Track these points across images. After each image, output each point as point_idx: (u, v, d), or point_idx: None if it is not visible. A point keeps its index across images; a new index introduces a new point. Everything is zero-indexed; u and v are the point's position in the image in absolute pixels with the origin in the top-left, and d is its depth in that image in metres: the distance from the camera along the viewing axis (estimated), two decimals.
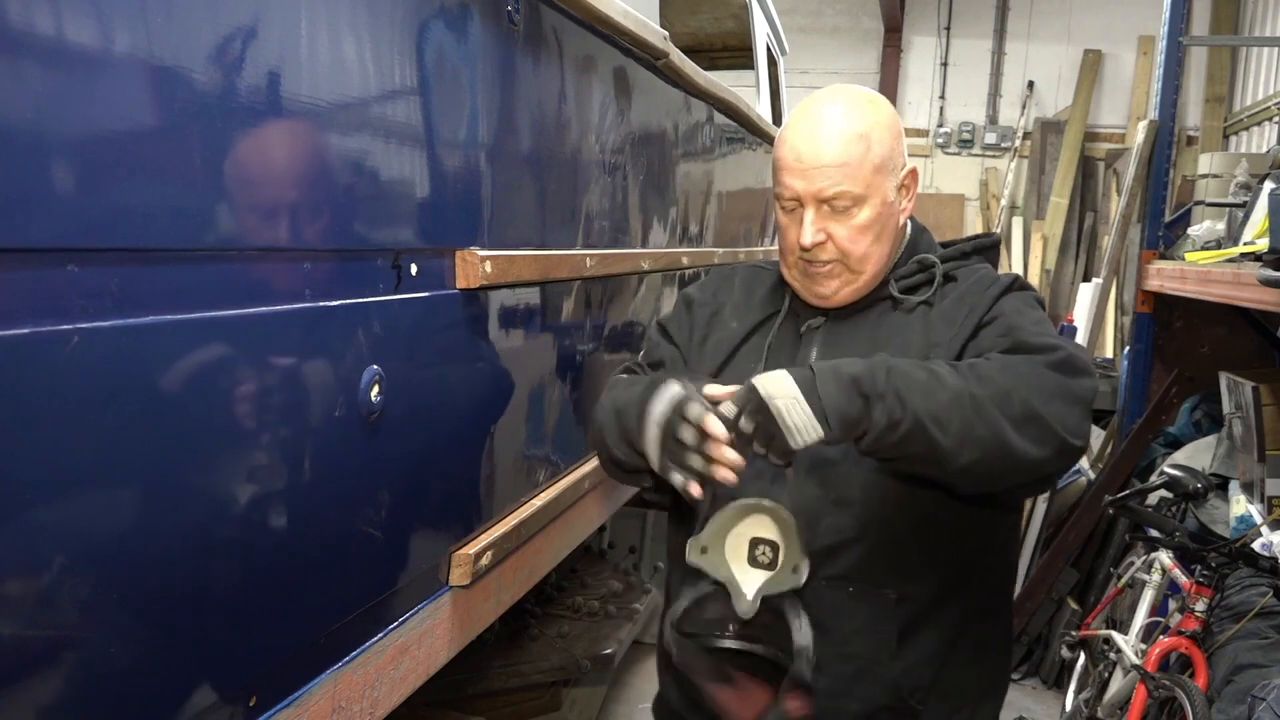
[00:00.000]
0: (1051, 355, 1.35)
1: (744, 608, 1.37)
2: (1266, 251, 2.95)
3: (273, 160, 1.12)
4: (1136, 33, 9.31)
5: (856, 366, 1.31)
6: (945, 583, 1.49)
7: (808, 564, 1.37)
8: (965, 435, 1.28)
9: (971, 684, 1.55)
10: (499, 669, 2.86)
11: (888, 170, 1.46)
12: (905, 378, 1.29)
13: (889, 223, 1.49)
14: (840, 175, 1.43)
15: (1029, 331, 1.40)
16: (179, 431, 0.99)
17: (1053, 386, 1.32)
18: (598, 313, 2.23)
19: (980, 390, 1.29)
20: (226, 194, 1.05)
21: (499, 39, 1.61)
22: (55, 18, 0.84)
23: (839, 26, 10.33)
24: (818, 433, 1.29)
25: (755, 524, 1.41)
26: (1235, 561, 2.83)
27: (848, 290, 1.51)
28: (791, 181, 1.46)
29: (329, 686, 1.28)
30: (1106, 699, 3.16)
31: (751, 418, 1.31)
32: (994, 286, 1.50)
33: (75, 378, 0.87)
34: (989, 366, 1.33)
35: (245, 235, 1.08)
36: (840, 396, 1.28)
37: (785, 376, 1.31)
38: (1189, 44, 5.60)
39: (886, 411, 1.27)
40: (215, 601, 1.07)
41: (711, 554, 1.41)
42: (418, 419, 1.43)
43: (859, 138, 1.44)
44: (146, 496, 0.96)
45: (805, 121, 1.47)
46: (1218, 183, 4.35)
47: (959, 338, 1.46)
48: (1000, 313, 1.46)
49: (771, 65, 4.67)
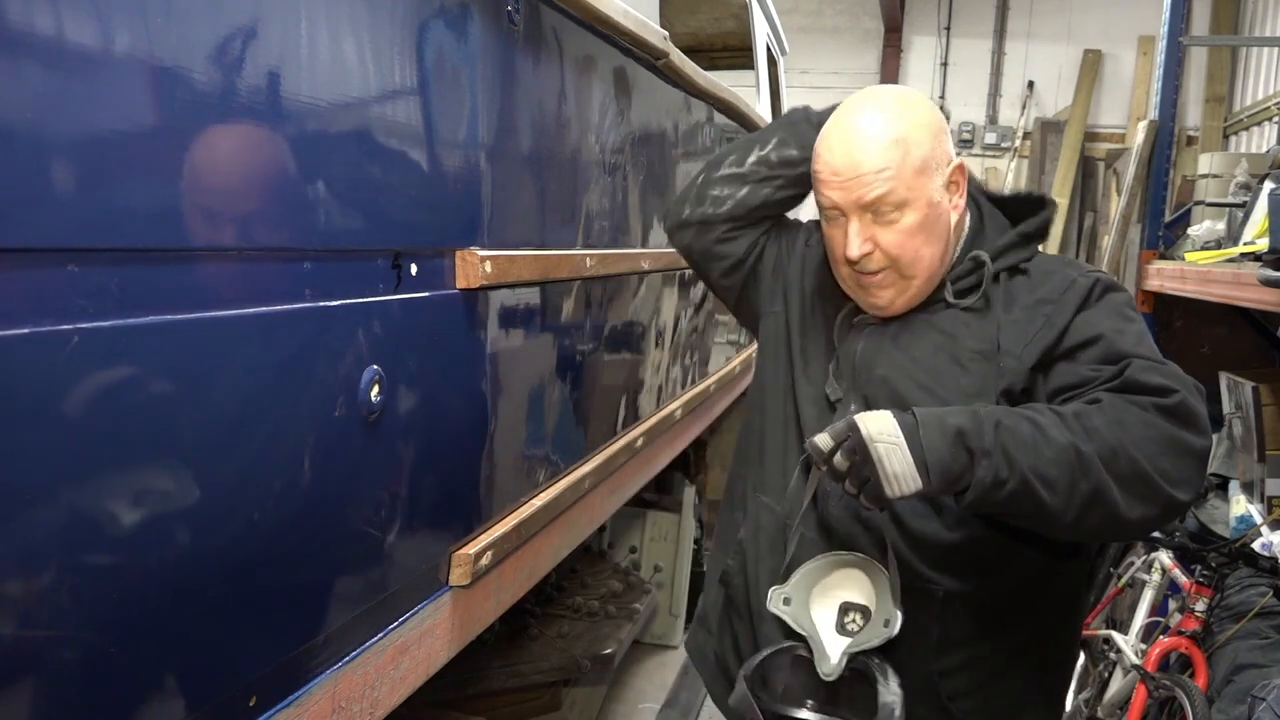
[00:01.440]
0: (1164, 400, 1.26)
1: (828, 669, 1.30)
2: (1266, 251, 2.96)
3: (273, 160, 1.12)
4: (1136, 33, 9.31)
5: (962, 417, 1.24)
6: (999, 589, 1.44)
7: (900, 616, 1.29)
8: (1071, 495, 1.22)
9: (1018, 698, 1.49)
10: (499, 669, 2.85)
11: (930, 170, 1.40)
12: (1012, 433, 1.22)
13: (938, 223, 1.42)
14: (878, 182, 1.38)
15: (1139, 365, 1.30)
16: (179, 431, 0.99)
17: (1162, 440, 1.24)
18: (598, 313, 2.23)
19: (1087, 447, 1.22)
20: (226, 194, 1.05)
21: (499, 39, 1.61)
22: (55, 18, 0.83)
23: (839, 26, 10.33)
24: (916, 484, 1.23)
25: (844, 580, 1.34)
26: (1235, 561, 2.83)
27: (903, 300, 1.45)
28: (830, 194, 1.42)
29: (329, 686, 1.28)
30: (1106, 699, 3.16)
31: (848, 456, 1.25)
32: (1073, 291, 1.40)
33: (75, 378, 0.87)
34: (1096, 418, 1.25)
35: (245, 235, 1.08)
36: (944, 449, 1.22)
37: (889, 418, 1.25)
38: (1189, 44, 5.60)
39: (993, 469, 1.21)
40: (215, 601, 1.07)
41: (795, 606, 1.33)
42: (418, 419, 1.43)
43: (895, 143, 1.38)
44: (146, 496, 0.96)
45: (839, 133, 1.43)
46: (1218, 183, 4.35)
47: (1034, 347, 1.37)
48: (1097, 330, 1.35)
49: (771, 65, 4.67)
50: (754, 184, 1.62)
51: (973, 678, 1.44)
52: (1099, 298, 1.40)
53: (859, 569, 1.33)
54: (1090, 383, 1.31)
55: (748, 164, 1.63)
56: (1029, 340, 1.38)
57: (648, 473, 2.93)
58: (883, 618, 1.31)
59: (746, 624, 1.57)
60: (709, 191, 1.65)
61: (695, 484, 4.24)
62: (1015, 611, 1.46)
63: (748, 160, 1.63)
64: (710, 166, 1.68)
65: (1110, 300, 1.41)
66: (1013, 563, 1.42)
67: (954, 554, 1.40)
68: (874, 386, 1.45)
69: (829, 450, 1.27)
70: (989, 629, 1.44)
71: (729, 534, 1.66)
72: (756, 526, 1.57)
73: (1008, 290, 1.44)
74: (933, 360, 1.43)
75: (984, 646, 1.44)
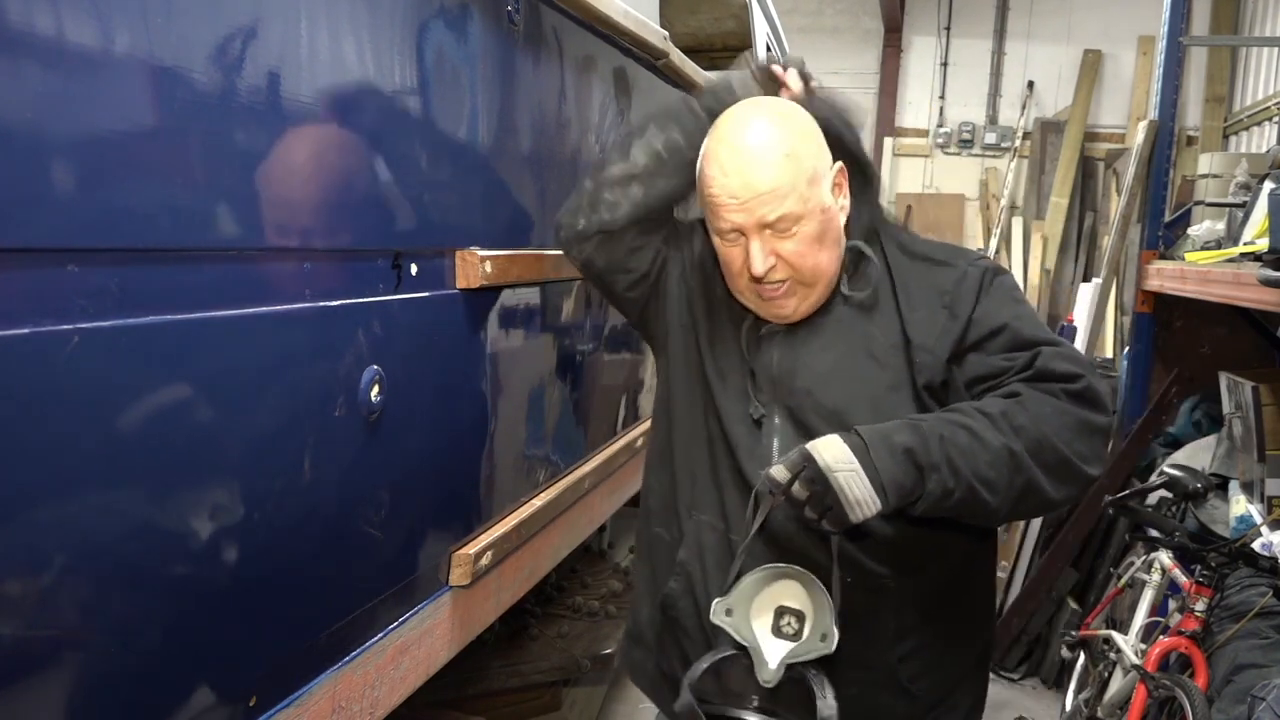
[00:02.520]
0: (1072, 385, 1.36)
1: (767, 676, 1.35)
2: (1266, 251, 2.95)
3: (273, 160, 1.12)
4: (1136, 33, 9.31)
5: (906, 434, 1.31)
6: (941, 575, 1.50)
7: (837, 633, 1.33)
8: (1008, 492, 1.32)
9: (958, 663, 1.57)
10: (499, 669, 2.85)
11: (820, 178, 1.41)
12: (954, 444, 1.30)
13: (831, 228, 1.44)
14: (777, 200, 1.37)
15: (1047, 354, 1.39)
16: (179, 431, 0.99)
17: (1075, 425, 1.35)
18: (597, 313, 2.23)
19: (1017, 444, 1.31)
20: (227, 194, 1.05)
21: (499, 39, 1.61)
22: (55, 18, 0.84)
23: (839, 26, 10.32)
24: (876, 506, 1.29)
25: (783, 590, 1.38)
26: (1235, 561, 2.83)
27: (805, 306, 1.46)
28: (731, 217, 1.40)
29: (329, 686, 1.28)
30: (1106, 699, 3.15)
31: (807, 485, 1.29)
32: (967, 281, 1.45)
33: (75, 378, 0.87)
34: (1020, 415, 1.33)
35: (245, 235, 1.08)
36: (896, 469, 1.29)
37: (840, 444, 1.30)
38: (1189, 44, 5.60)
39: (941, 482, 1.29)
40: (215, 602, 1.07)
41: (736, 617, 1.37)
42: (418, 419, 1.43)
43: (786, 158, 1.38)
44: (146, 496, 0.96)
45: (729, 153, 1.41)
46: (1218, 183, 4.35)
47: (945, 340, 1.42)
48: (1000, 320, 1.42)
49: None
50: (646, 180, 1.54)
51: (926, 659, 1.51)
52: (990, 285, 1.46)
53: (797, 580, 1.37)
54: (1005, 372, 1.40)
55: (633, 158, 1.54)
56: (938, 333, 1.43)
57: None
58: (819, 632, 1.35)
59: (698, 644, 1.55)
60: (601, 197, 1.55)
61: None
62: (954, 592, 1.54)
63: (632, 154, 1.54)
64: (595, 170, 1.59)
65: (1001, 286, 1.47)
66: (948, 550, 1.50)
67: (900, 551, 1.45)
68: (797, 398, 1.46)
69: (786, 482, 1.31)
70: (936, 612, 1.51)
71: (657, 551, 1.63)
72: (700, 547, 1.55)
73: (900, 278, 1.48)
74: (849, 361, 1.46)
75: (933, 628, 1.51)
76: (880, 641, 1.47)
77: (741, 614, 1.38)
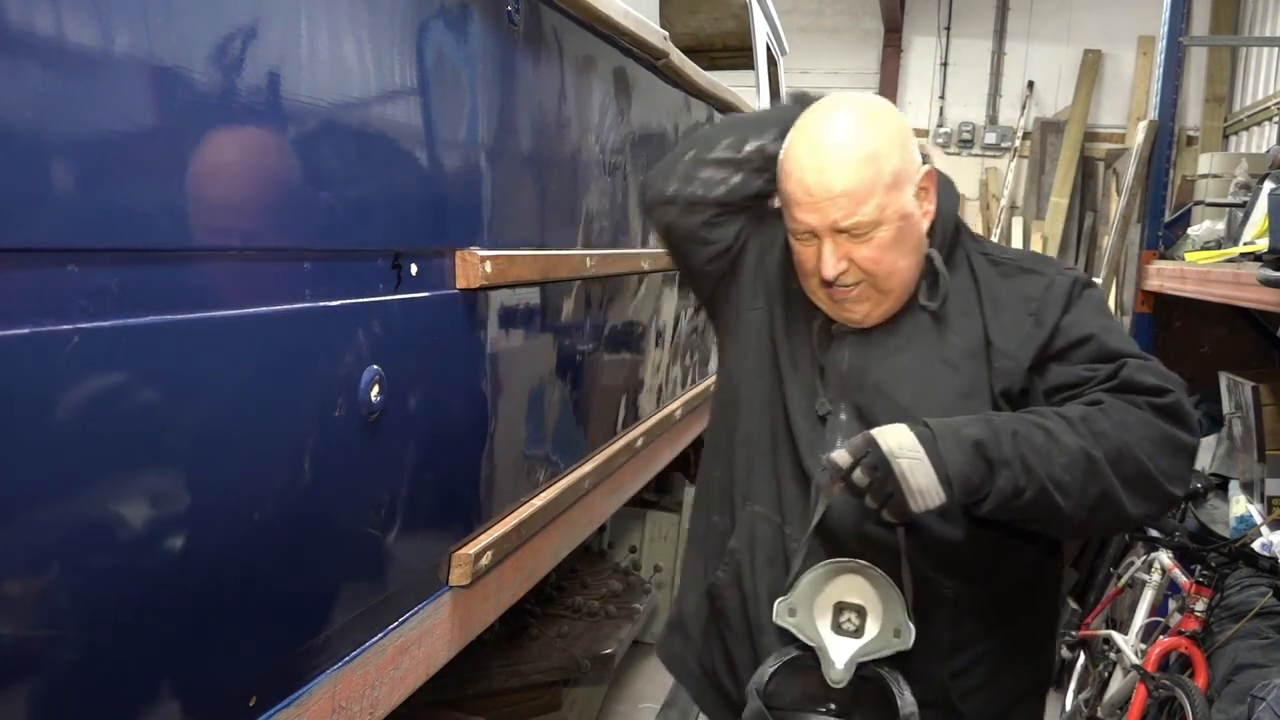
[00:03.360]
0: (1160, 399, 1.30)
1: (836, 676, 1.31)
2: (1266, 251, 2.96)
3: (273, 160, 1.12)
4: (1136, 33, 9.31)
5: (977, 428, 1.26)
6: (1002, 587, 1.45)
7: (912, 628, 1.29)
8: (1083, 500, 1.26)
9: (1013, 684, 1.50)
10: (499, 669, 2.85)
11: (902, 183, 1.37)
12: (1028, 442, 1.25)
13: (911, 234, 1.39)
14: (853, 203, 1.33)
15: (1134, 365, 1.33)
16: (179, 432, 0.99)
17: (1160, 439, 1.29)
18: (598, 313, 2.23)
19: (1096, 450, 1.26)
20: (227, 194, 1.05)
21: (499, 39, 1.61)
22: (55, 18, 0.84)
23: (839, 26, 10.33)
24: (940, 498, 1.25)
25: (844, 586, 1.34)
26: (1235, 561, 2.83)
27: (878, 312, 1.42)
28: (803, 216, 1.37)
29: (329, 686, 1.28)
30: (1106, 699, 3.15)
31: (868, 472, 1.26)
32: (1055, 290, 1.40)
33: (75, 378, 0.87)
34: (1102, 421, 1.28)
35: (245, 235, 1.08)
36: (963, 461, 1.24)
37: (906, 432, 1.26)
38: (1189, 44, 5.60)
39: (1013, 479, 1.24)
40: (215, 601, 1.07)
41: (800, 616, 1.33)
42: (418, 419, 1.43)
43: (867, 160, 1.34)
44: (146, 497, 0.96)
45: (809, 150, 1.37)
46: (1218, 183, 4.35)
47: (1029, 347, 1.38)
48: (1087, 330, 1.37)
49: (771, 65, 4.68)
50: (749, 173, 1.54)
51: (980, 676, 1.45)
52: (1079, 296, 1.42)
53: (859, 575, 1.33)
54: (1087, 383, 1.34)
55: (745, 151, 1.54)
56: (1022, 340, 1.38)
57: (648, 473, 2.93)
58: (891, 628, 1.31)
59: (741, 638, 1.53)
60: (699, 173, 1.55)
61: (695, 484, 4.23)
62: (1015, 607, 1.47)
63: (745, 148, 1.54)
64: (702, 145, 1.58)
65: (1089, 298, 1.43)
66: (1013, 560, 1.44)
67: (961, 556, 1.40)
68: (866, 395, 1.43)
69: (848, 466, 1.27)
70: (994, 627, 1.45)
71: (711, 540, 1.61)
72: (751, 538, 1.52)
73: (986, 285, 1.43)
74: (922, 364, 1.42)
75: (988, 644, 1.45)
76: (933, 654, 1.41)
77: (805, 613, 1.34)
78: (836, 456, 1.29)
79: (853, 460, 1.27)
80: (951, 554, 1.39)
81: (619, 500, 2.61)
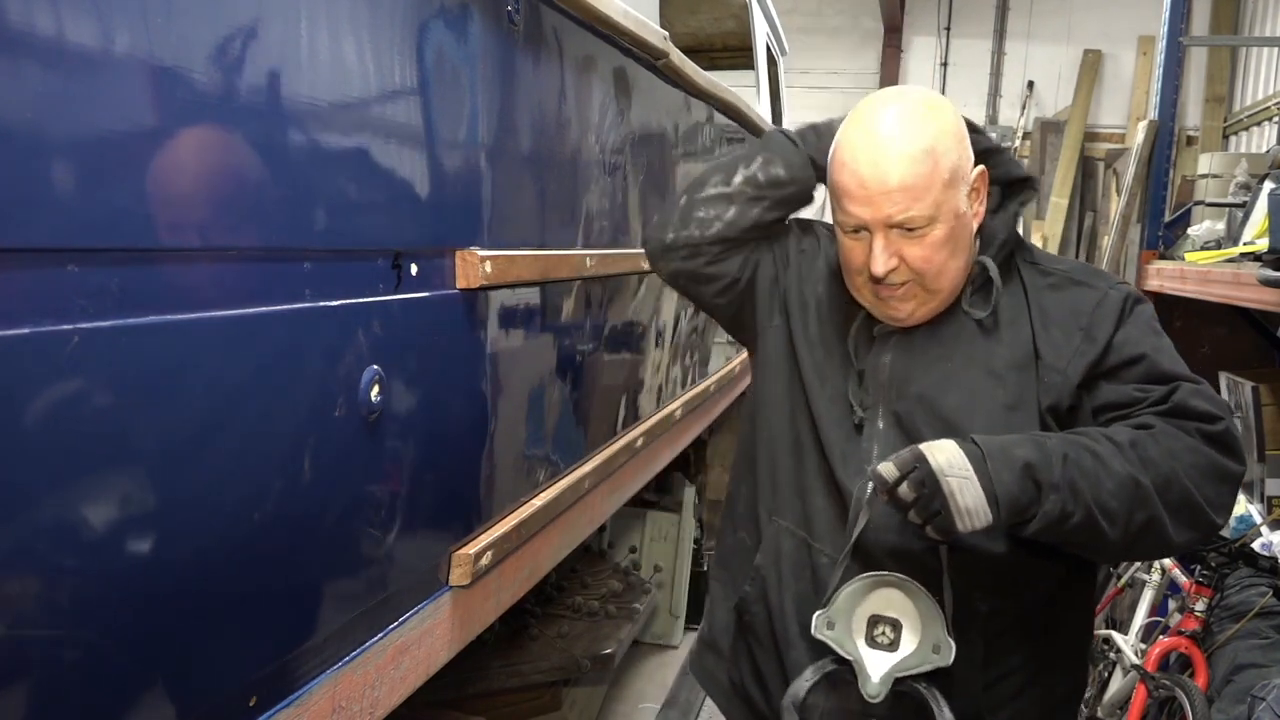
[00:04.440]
0: (1211, 427, 1.29)
1: (872, 690, 1.30)
2: (1266, 251, 2.96)
3: (273, 160, 1.12)
4: (1136, 33, 9.31)
5: (1027, 449, 1.24)
6: (1036, 602, 1.43)
7: (953, 645, 1.28)
8: (1128, 526, 1.25)
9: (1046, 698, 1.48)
10: (499, 669, 2.85)
11: (958, 181, 1.33)
12: (1077, 466, 1.24)
13: (963, 234, 1.36)
14: (908, 199, 1.30)
15: (1186, 390, 1.31)
16: (179, 431, 0.99)
17: (1208, 468, 1.27)
18: (598, 313, 2.23)
19: (1144, 477, 1.24)
20: (227, 194, 1.05)
21: (499, 39, 1.61)
22: (55, 18, 0.84)
23: (839, 26, 10.33)
24: (987, 518, 1.23)
25: (881, 600, 1.33)
26: (1235, 561, 2.83)
27: (924, 311, 1.40)
28: (856, 210, 1.34)
29: (329, 686, 1.28)
30: (1106, 699, 3.16)
31: (915, 488, 1.24)
32: (1108, 305, 1.38)
33: (75, 378, 0.87)
34: (1151, 448, 1.27)
35: (245, 235, 1.08)
36: (1013, 482, 1.22)
37: (956, 449, 1.24)
38: (1189, 44, 5.60)
39: (1060, 503, 1.23)
40: (215, 602, 1.07)
41: (839, 630, 1.32)
42: (418, 419, 1.43)
43: (925, 154, 1.30)
44: (146, 496, 0.96)
45: (864, 141, 1.34)
46: (1218, 183, 4.36)
47: (1079, 362, 1.35)
48: (1140, 349, 1.35)
49: (771, 65, 4.68)
50: (742, 204, 1.54)
51: (1012, 687, 1.43)
52: (1131, 312, 1.39)
53: (898, 589, 1.32)
54: (1139, 403, 1.32)
55: (735, 184, 1.54)
56: (1072, 355, 1.35)
57: (648, 473, 2.93)
58: (930, 643, 1.29)
59: (769, 652, 1.52)
60: (694, 214, 1.55)
61: (695, 484, 4.24)
62: (1048, 621, 1.46)
63: (734, 180, 1.54)
64: (693, 188, 1.59)
65: (1141, 315, 1.40)
66: (1046, 576, 1.42)
67: (996, 572, 1.38)
68: (908, 403, 1.40)
69: (894, 480, 1.25)
70: (1027, 642, 1.43)
71: (738, 556, 1.60)
72: (777, 553, 1.50)
73: (1036, 297, 1.40)
74: (967, 374, 1.39)
75: (1020, 659, 1.43)
76: (968, 668, 1.38)
77: (843, 626, 1.32)
78: (883, 469, 1.26)
79: (900, 474, 1.25)
80: (988, 570, 1.38)
81: (619, 500, 2.61)
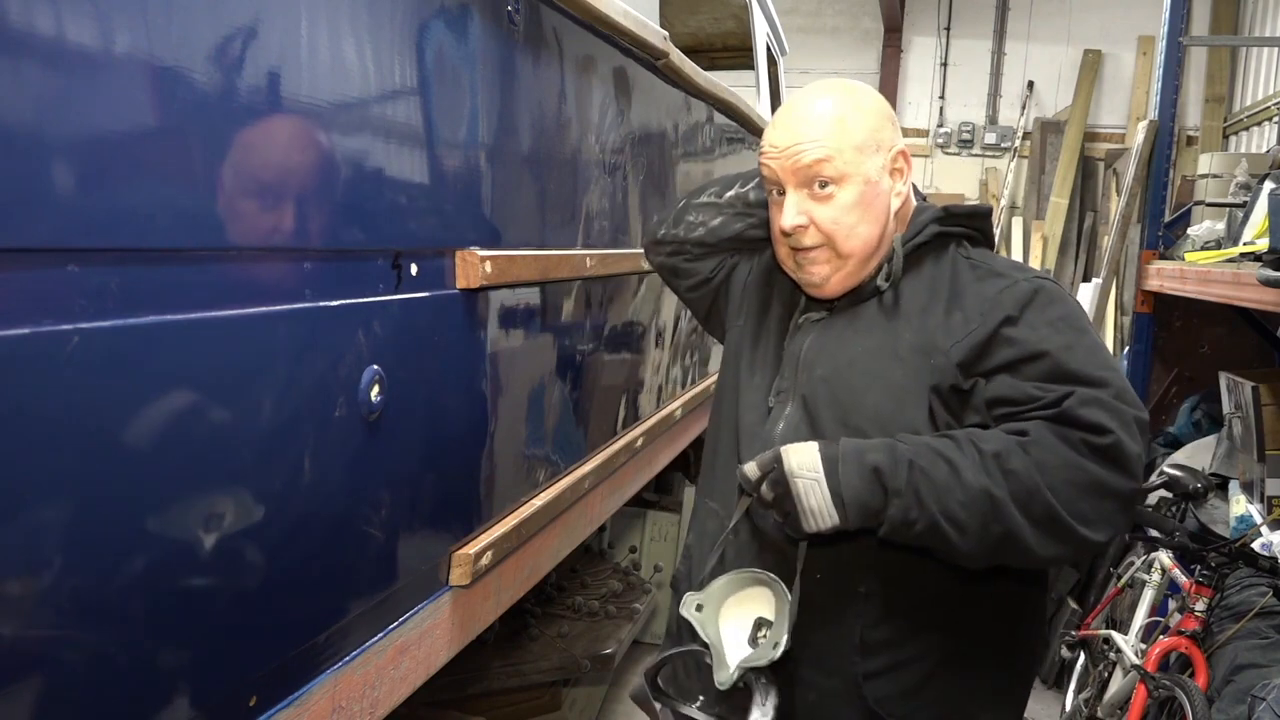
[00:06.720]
0: (1097, 439, 1.25)
1: (723, 678, 1.34)
2: (1266, 251, 2.96)
3: (273, 160, 1.12)
4: (1136, 33, 9.32)
5: (880, 454, 1.28)
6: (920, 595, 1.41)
7: (787, 642, 1.31)
8: (983, 536, 1.26)
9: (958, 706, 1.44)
10: (499, 669, 2.85)
11: (869, 150, 1.41)
12: (925, 475, 1.26)
13: (874, 204, 1.42)
14: (814, 147, 1.39)
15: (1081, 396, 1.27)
16: (179, 431, 0.99)
17: (1084, 483, 1.25)
18: (598, 313, 2.23)
19: (1000, 491, 1.24)
20: (226, 194, 1.05)
21: (499, 39, 1.61)
22: (55, 18, 0.84)
23: (839, 26, 10.33)
24: (833, 520, 1.29)
25: (756, 597, 1.37)
26: (1235, 561, 2.83)
27: (838, 277, 1.44)
28: (768, 162, 1.44)
29: (329, 686, 1.28)
30: (1106, 699, 3.16)
31: (772, 488, 1.31)
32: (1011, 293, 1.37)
33: (75, 378, 0.87)
34: (1016, 459, 1.25)
35: (245, 235, 1.08)
36: (860, 486, 1.28)
37: (813, 451, 1.31)
38: (1189, 44, 5.60)
39: (903, 509, 1.27)
40: (215, 602, 1.07)
41: (705, 614, 1.37)
42: (418, 419, 1.43)
43: (835, 119, 1.41)
44: (146, 497, 0.96)
45: (783, 111, 1.47)
46: (1218, 183, 4.36)
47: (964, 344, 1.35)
48: (1044, 346, 1.32)
49: (771, 65, 4.68)
50: (727, 216, 1.67)
51: (899, 682, 1.41)
52: (1042, 306, 1.36)
53: (768, 588, 1.36)
54: (1034, 402, 1.29)
55: (726, 197, 1.68)
56: (961, 336, 1.37)
57: (648, 473, 2.93)
58: (774, 640, 1.33)
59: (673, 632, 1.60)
60: (685, 216, 1.71)
61: (695, 484, 4.24)
62: (941, 618, 1.42)
63: (726, 194, 1.69)
64: (693, 193, 1.74)
65: (1053, 310, 1.36)
66: (930, 572, 1.39)
67: (876, 556, 1.39)
68: (813, 385, 1.45)
69: (756, 480, 1.33)
70: (912, 634, 1.41)
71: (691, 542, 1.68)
72: (702, 531, 1.58)
73: (957, 286, 1.42)
74: (871, 356, 1.42)
75: (908, 650, 1.41)
76: (843, 649, 1.40)
77: (711, 612, 1.37)
78: (747, 469, 1.34)
79: (760, 474, 1.32)
80: (868, 554, 1.39)
81: (619, 500, 2.61)
